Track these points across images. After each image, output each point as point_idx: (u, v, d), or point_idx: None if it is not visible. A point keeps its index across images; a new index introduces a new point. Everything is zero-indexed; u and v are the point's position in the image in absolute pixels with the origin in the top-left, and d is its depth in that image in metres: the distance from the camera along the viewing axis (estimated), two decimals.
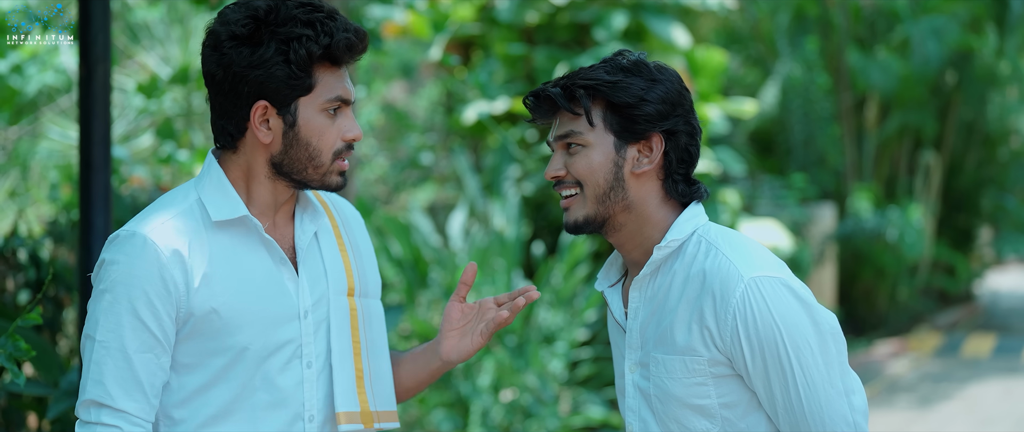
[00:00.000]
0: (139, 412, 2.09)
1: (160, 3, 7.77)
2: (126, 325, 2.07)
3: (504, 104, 8.15)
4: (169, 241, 2.08)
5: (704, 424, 2.10)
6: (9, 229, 5.18)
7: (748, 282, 2.04)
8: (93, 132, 3.56)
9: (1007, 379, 10.29)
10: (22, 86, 6.94)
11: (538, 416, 6.53)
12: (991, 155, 15.33)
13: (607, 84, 2.10)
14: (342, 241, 2.27)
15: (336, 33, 2.09)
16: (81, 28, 3.56)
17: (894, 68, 13.33)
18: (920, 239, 13.04)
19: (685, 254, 2.12)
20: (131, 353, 2.07)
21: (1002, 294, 17.14)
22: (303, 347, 2.17)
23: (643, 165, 2.12)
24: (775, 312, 2.03)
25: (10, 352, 2.58)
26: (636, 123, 2.11)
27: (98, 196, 3.56)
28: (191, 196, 2.16)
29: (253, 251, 2.15)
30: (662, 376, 2.11)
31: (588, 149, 2.12)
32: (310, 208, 2.23)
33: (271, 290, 2.15)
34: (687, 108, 2.14)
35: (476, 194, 7.99)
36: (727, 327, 2.05)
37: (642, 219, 2.14)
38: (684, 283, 2.10)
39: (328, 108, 2.13)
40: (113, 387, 2.07)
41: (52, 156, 7.79)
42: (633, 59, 2.14)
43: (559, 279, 7.20)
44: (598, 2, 8.30)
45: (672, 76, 2.14)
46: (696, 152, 2.16)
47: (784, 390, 2.05)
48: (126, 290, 2.06)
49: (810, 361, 2.04)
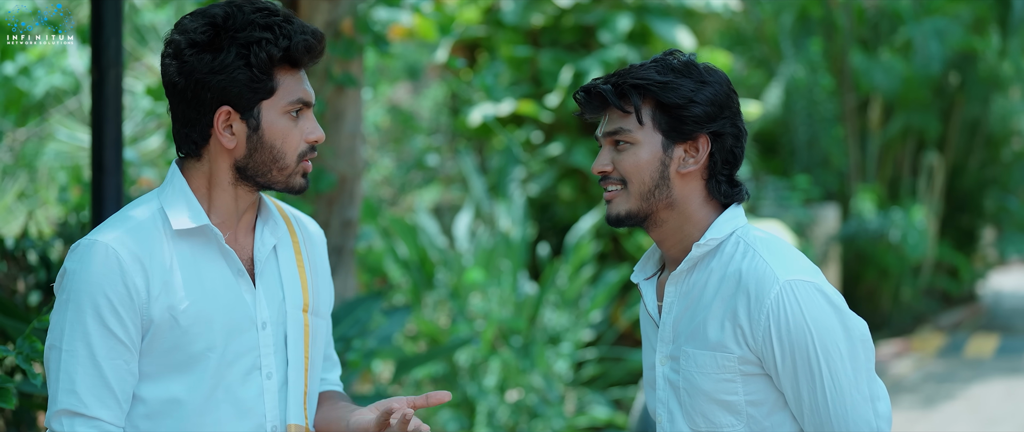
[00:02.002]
0: (112, 419, 2.10)
1: (167, 5, 7.81)
2: (93, 332, 2.08)
3: (509, 106, 8.18)
4: (130, 249, 2.09)
5: (729, 419, 2.14)
6: (19, 231, 5.22)
7: (783, 284, 2.08)
8: (105, 135, 3.60)
9: (1010, 379, 10.31)
10: (30, 88, 6.97)
11: (544, 416, 6.56)
12: (994, 156, 15.35)
13: (658, 84, 2.14)
14: (301, 257, 2.28)
15: (294, 36, 2.12)
16: (93, 32, 3.60)
17: (897, 69, 13.35)
18: (923, 240, 13.06)
19: (723, 253, 2.16)
20: (100, 360, 2.08)
21: (1005, 294, 17.15)
22: (262, 358, 2.18)
23: (689, 165, 2.16)
24: (808, 315, 2.07)
25: (27, 353, 2.62)
26: (684, 124, 2.14)
27: (110, 199, 3.60)
28: (153, 205, 2.17)
29: (212, 261, 2.17)
30: (692, 370, 2.15)
31: (636, 147, 2.16)
32: (271, 221, 2.24)
33: (229, 299, 2.16)
34: (734, 110, 2.18)
35: (482, 195, 8.02)
36: (760, 327, 2.09)
37: (684, 217, 2.18)
38: (720, 281, 2.14)
39: (290, 111, 2.15)
40: (86, 395, 2.08)
41: (60, 157, 7.82)
42: (684, 60, 2.18)
43: (564, 280, 7.23)
44: (603, 4, 8.33)
45: (721, 78, 2.17)
46: (741, 154, 2.19)
47: (811, 392, 2.09)
48: (90, 298, 2.08)
49: (839, 365, 2.08)
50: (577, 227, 7.74)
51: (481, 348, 6.63)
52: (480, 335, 6.59)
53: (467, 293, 6.95)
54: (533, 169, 8.32)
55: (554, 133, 8.42)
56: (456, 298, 6.91)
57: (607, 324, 7.79)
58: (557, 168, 8.35)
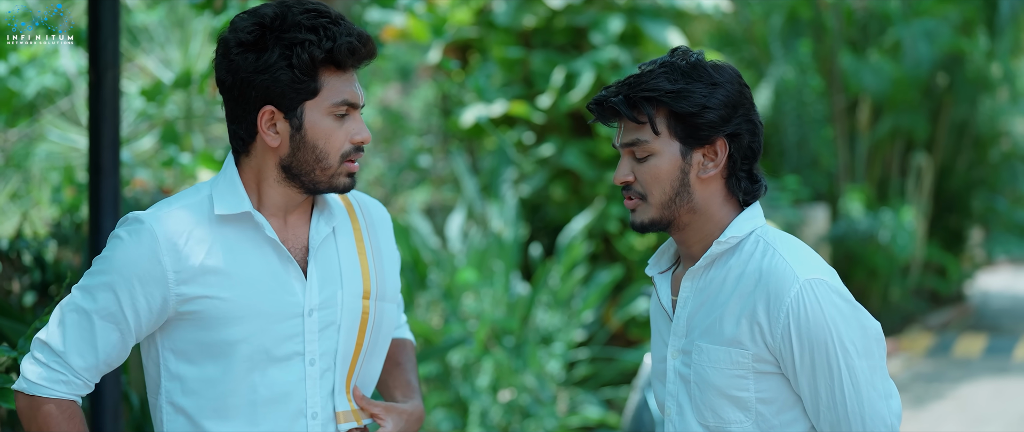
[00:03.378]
0: (83, 371, 2.16)
1: (159, 7, 7.81)
2: (102, 298, 2.14)
3: (502, 107, 8.21)
4: (170, 228, 2.15)
5: (738, 416, 2.15)
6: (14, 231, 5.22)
7: (803, 283, 2.10)
8: (102, 137, 3.61)
9: (998, 379, 10.37)
10: (21, 88, 6.97)
11: (536, 416, 6.58)
12: (982, 157, 15.41)
13: (670, 94, 2.13)
14: (363, 243, 2.30)
15: (339, 37, 2.13)
16: (90, 34, 3.61)
17: (886, 71, 13.41)
18: (912, 240, 13.11)
19: (742, 251, 2.17)
20: (96, 321, 2.14)
21: (993, 294, 17.22)
22: (306, 345, 2.21)
23: (709, 170, 2.17)
24: (827, 313, 2.09)
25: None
26: (700, 129, 2.14)
27: (107, 200, 3.61)
28: (203, 191, 2.23)
29: (257, 248, 2.20)
30: (704, 364, 2.16)
31: (655, 157, 2.16)
32: (327, 209, 2.27)
33: (271, 287, 2.19)
34: (748, 106, 2.17)
35: (474, 196, 8.05)
36: (779, 324, 2.10)
37: (705, 218, 2.19)
38: (739, 279, 2.15)
39: (335, 112, 2.17)
40: (70, 342, 2.14)
41: (51, 158, 7.82)
42: (692, 61, 2.16)
43: (556, 280, 7.25)
44: (595, 6, 8.36)
45: (731, 76, 2.16)
46: (758, 147, 2.19)
47: (829, 389, 2.10)
48: (116, 268, 2.14)
49: (857, 362, 2.10)
50: (569, 228, 7.76)
51: (474, 348, 6.65)
52: (473, 335, 6.61)
53: (460, 293, 6.97)
54: (525, 170, 8.34)
55: (546, 134, 8.44)
56: (449, 298, 6.93)
57: (599, 324, 7.82)
58: (549, 169, 8.38)
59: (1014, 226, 15.50)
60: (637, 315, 7.74)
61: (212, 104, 7.24)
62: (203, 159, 5.76)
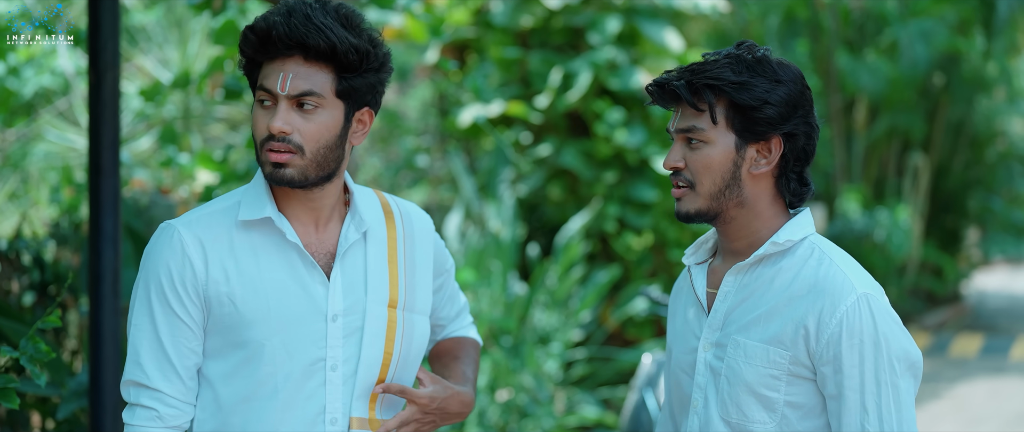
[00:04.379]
0: (175, 393, 2.19)
1: (157, 6, 7.82)
2: (156, 310, 2.19)
3: (499, 107, 8.22)
4: (194, 232, 2.20)
5: (763, 416, 2.14)
6: (13, 231, 5.23)
7: (860, 295, 2.10)
8: (102, 137, 3.62)
9: (995, 379, 10.39)
10: (19, 88, 6.97)
11: (534, 416, 6.59)
12: (978, 157, 15.43)
13: (732, 84, 2.12)
14: (395, 252, 2.29)
15: (258, 24, 2.16)
16: (90, 35, 3.62)
17: (883, 70, 13.43)
18: (908, 240, 13.14)
19: (795, 255, 2.17)
20: (162, 336, 2.19)
21: (989, 294, 17.24)
22: (328, 350, 2.21)
23: (761, 166, 2.16)
24: (880, 328, 2.10)
25: (30, 354, 2.65)
26: (758, 124, 2.13)
27: (107, 200, 3.62)
28: (234, 198, 2.26)
29: (281, 252, 2.22)
30: (739, 359, 2.15)
31: (708, 146, 2.15)
32: (358, 215, 2.26)
33: (293, 292, 2.20)
34: (808, 108, 2.16)
35: (472, 196, 8.06)
36: (828, 330, 2.10)
37: (752, 214, 2.18)
38: (791, 282, 2.14)
39: (260, 99, 2.19)
40: (150, 368, 2.18)
41: (49, 158, 7.82)
42: (757, 55, 2.15)
43: (554, 280, 7.27)
44: (592, 6, 8.37)
45: (794, 75, 2.15)
46: (812, 150, 2.18)
47: (876, 402, 2.09)
48: (155, 277, 2.20)
49: (901, 382, 2.10)
50: (566, 228, 7.78)
51: None
52: None
53: None
54: (522, 170, 8.35)
55: (543, 134, 8.46)
56: None
57: (597, 324, 7.83)
58: (546, 169, 8.39)
59: (1010, 226, 15.53)
60: (634, 315, 7.76)
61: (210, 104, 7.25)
62: (201, 159, 5.77)
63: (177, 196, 5.88)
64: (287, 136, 2.15)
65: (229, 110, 7.71)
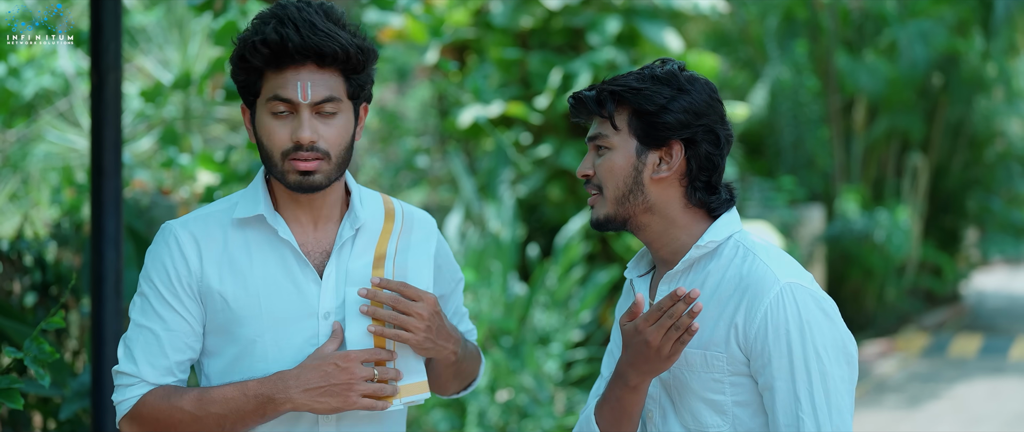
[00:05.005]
0: (158, 380, 2.22)
1: (157, 7, 7.82)
2: (155, 304, 2.23)
3: (499, 108, 8.23)
4: (189, 230, 2.25)
5: (715, 420, 2.17)
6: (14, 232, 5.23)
7: (783, 286, 2.12)
8: (104, 138, 3.63)
9: (993, 379, 10.40)
10: (19, 89, 6.98)
11: (534, 416, 6.60)
12: (977, 157, 15.45)
13: (632, 91, 2.19)
14: (385, 244, 2.29)
15: (268, 34, 2.15)
16: (92, 37, 3.63)
17: (882, 71, 13.44)
18: (907, 240, 13.15)
19: (721, 256, 2.20)
20: (159, 331, 2.22)
21: (988, 294, 17.26)
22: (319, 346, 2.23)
23: (662, 171, 2.19)
24: (805, 316, 2.11)
25: (34, 354, 2.66)
26: (657, 130, 2.18)
27: (109, 201, 3.64)
28: (234, 199, 2.30)
29: (275, 250, 2.24)
30: (682, 368, 2.19)
31: (612, 152, 2.20)
32: (354, 215, 2.28)
33: (285, 289, 2.22)
34: (714, 118, 2.20)
35: (472, 197, 8.07)
36: (755, 323, 2.12)
37: (667, 221, 2.22)
38: (718, 283, 2.18)
39: (272, 109, 2.18)
40: (142, 363, 2.21)
41: (49, 158, 7.82)
42: (669, 69, 2.21)
43: (554, 281, 7.28)
44: (592, 7, 8.39)
45: (702, 87, 2.20)
46: (720, 161, 2.21)
47: (808, 391, 2.10)
48: (155, 274, 2.24)
49: (831, 369, 2.11)
50: (566, 228, 7.79)
51: None
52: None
53: None
54: (522, 170, 8.36)
55: (543, 135, 8.47)
56: None
57: (596, 324, 7.84)
58: (546, 169, 8.40)
59: (1009, 226, 15.54)
60: None
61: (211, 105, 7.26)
62: (202, 160, 5.78)
63: (178, 197, 5.89)
64: (315, 144, 2.18)
65: (230, 111, 7.72)
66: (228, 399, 2.17)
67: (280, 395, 2.16)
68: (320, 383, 2.15)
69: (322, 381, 2.15)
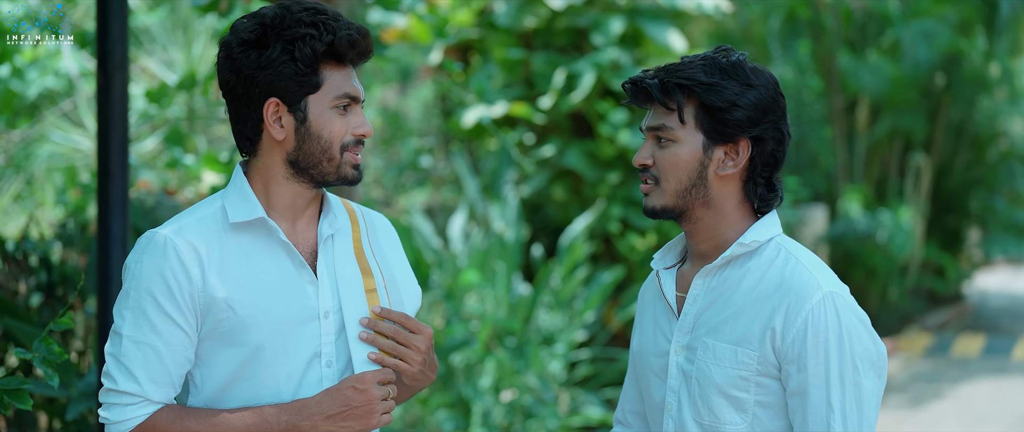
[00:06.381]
0: (162, 398, 2.20)
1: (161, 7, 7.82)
2: (153, 318, 2.18)
3: (503, 108, 8.23)
4: (186, 239, 2.19)
5: (734, 417, 2.17)
6: (19, 233, 5.24)
7: (826, 293, 2.13)
8: (111, 139, 3.64)
9: (997, 379, 10.40)
10: (23, 90, 6.98)
11: (538, 416, 6.61)
12: (980, 157, 15.44)
13: (702, 85, 2.15)
14: (361, 247, 2.33)
15: (338, 31, 2.18)
16: (99, 38, 3.63)
17: (885, 71, 13.44)
18: (910, 240, 13.14)
19: (762, 256, 2.20)
20: (160, 346, 2.18)
21: (991, 294, 17.25)
22: (322, 347, 2.24)
23: (728, 168, 2.19)
24: (845, 326, 2.12)
25: (43, 355, 2.66)
26: (726, 126, 2.16)
27: (116, 201, 3.64)
28: (216, 203, 2.27)
29: (272, 253, 2.24)
30: (709, 361, 2.18)
31: (676, 145, 2.18)
32: (331, 213, 2.30)
33: (287, 292, 2.23)
34: (779, 114, 2.19)
35: (475, 197, 8.07)
36: (793, 328, 2.12)
37: (719, 216, 2.21)
38: (758, 282, 2.17)
39: (337, 105, 2.21)
40: (144, 381, 2.17)
41: (53, 159, 7.83)
42: (732, 60, 2.18)
43: (558, 281, 7.28)
44: (595, 7, 8.39)
45: (767, 81, 2.18)
46: (782, 157, 2.21)
47: (841, 400, 2.11)
48: (149, 286, 2.18)
49: (865, 382, 2.12)
50: (570, 228, 7.79)
51: (476, 349, 6.68)
52: (475, 336, 6.64)
53: (462, 294, 7.00)
54: (526, 171, 8.37)
55: (547, 135, 8.47)
56: (451, 299, 6.95)
57: (600, 325, 7.85)
58: (550, 169, 8.40)
59: (1012, 226, 15.53)
60: None
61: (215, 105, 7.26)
62: (207, 161, 5.78)
63: (182, 197, 5.89)
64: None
65: None
66: (249, 426, 2.18)
67: (306, 423, 2.18)
68: (342, 408, 2.19)
69: (343, 406, 2.19)
